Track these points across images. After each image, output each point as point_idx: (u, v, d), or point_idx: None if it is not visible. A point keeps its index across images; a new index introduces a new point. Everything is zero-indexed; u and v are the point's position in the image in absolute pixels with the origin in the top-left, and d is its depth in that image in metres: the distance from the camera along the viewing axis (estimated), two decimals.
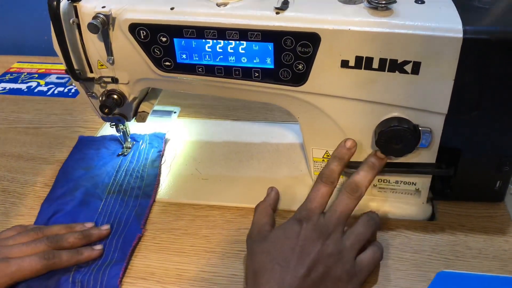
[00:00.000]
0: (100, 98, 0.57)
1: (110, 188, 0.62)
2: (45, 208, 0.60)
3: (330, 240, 0.46)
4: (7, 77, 0.91)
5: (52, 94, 0.84)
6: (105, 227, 0.55)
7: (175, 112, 0.77)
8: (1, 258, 0.48)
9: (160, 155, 0.67)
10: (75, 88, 0.85)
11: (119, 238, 0.55)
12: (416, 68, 0.46)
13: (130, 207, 0.59)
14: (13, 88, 0.87)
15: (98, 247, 0.53)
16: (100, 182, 0.63)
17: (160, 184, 0.63)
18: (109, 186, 0.62)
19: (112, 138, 0.70)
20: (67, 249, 0.51)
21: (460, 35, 0.43)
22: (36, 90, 0.86)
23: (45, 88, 0.86)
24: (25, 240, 0.51)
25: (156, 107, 0.65)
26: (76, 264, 0.51)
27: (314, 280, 0.44)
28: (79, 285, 0.49)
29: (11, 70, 0.94)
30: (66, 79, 0.88)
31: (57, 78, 0.90)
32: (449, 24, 0.44)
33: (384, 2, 0.46)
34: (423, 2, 0.48)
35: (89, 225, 0.55)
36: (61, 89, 0.86)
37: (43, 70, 0.93)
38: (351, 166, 0.53)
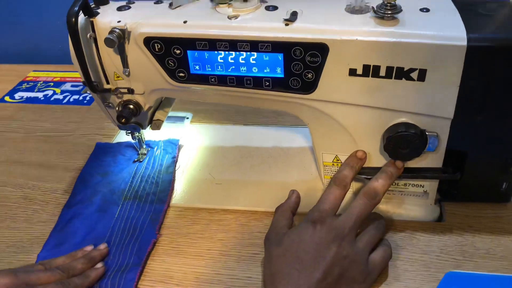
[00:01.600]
0: (117, 108, 0.59)
1: (126, 194, 0.64)
2: (64, 213, 0.62)
3: (345, 243, 0.47)
4: (23, 86, 0.93)
5: (68, 102, 0.87)
6: (103, 246, 0.56)
7: (187, 118, 0.79)
8: (29, 285, 0.48)
9: (174, 161, 0.69)
10: (90, 95, 0.87)
11: (135, 243, 0.57)
12: (422, 75, 0.47)
13: (145, 212, 0.61)
14: (30, 97, 0.89)
15: (99, 265, 0.54)
16: (117, 188, 0.65)
17: (175, 190, 0.65)
18: (125, 192, 0.65)
19: (128, 145, 0.72)
20: (77, 275, 0.52)
21: (464, 43, 0.44)
22: (52, 99, 0.88)
23: (61, 96, 0.89)
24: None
25: (170, 113, 0.67)
26: (88, 287, 0.52)
27: (330, 282, 0.46)
28: None
29: (27, 79, 0.96)
30: (81, 87, 0.91)
31: (72, 86, 0.92)
32: (454, 32, 0.45)
33: (390, 12, 0.47)
34: (428, 10, 0.49)
35: (89, 248, 0.56)
36: (76, 97, 0.88)
37: (58, 78, 0.95)
38: (362, 172, 0.55)
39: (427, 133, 0.50)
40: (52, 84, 0.93)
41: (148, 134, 0.72)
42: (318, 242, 0.47)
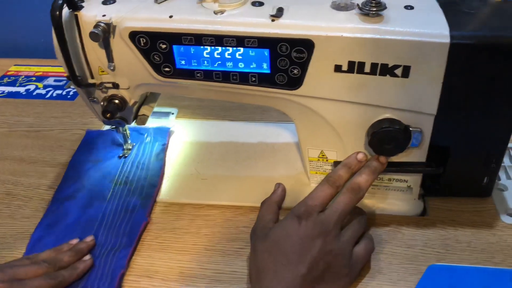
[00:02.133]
0: (102, 103, 0.58)
1: (118, 179, 0.65)
2: (56, 197, 0.63)
3: (330, 238, 0.48)
4: (5, 81, 0.92)
5: (51, 97, 0.86)
6: (89, 239, 0.56)
7: (173, 113, 0.78)
8: (17, 279, 0.48)
9: (164, 148, 0.70)
10: (74, 90, 0.86)
11: (126, 225, 0.58)
12: (406, 71, 0.48)
13: (136, 196, 0.62)
14: (12, 92, 0.88)
15: (87, 257, 0.54)
16: (108, 173, 0.66)
17: (161, 185, 0.65)
18: (116, 177, 0.65)
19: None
20: (64, 268, 0.52)
21: (447, 40, 0.45)
22: (34, 93, 0.87)
23: (43, 91, 0.87)
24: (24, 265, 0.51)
25: (155, 109, 0.67)
26: (76, 279, 0.52)
27: (315, 276, 0.46)
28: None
29: (9, 73, 0.94)
30: (64, 81, 0.90)
31: (55, 80, 0.90)
32: (437, 30, 0.46)
33: (375, 9, 0.48)
34: (412, 8, 0.50)
35: (74, 241, 0.56)
36: (59, 91, 0.87)
37: (41, 73, 0.94)
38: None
39: (411, 129, 0.51)
40: (34, 78, 0.92)
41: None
42: (303, 237, 0.48)
